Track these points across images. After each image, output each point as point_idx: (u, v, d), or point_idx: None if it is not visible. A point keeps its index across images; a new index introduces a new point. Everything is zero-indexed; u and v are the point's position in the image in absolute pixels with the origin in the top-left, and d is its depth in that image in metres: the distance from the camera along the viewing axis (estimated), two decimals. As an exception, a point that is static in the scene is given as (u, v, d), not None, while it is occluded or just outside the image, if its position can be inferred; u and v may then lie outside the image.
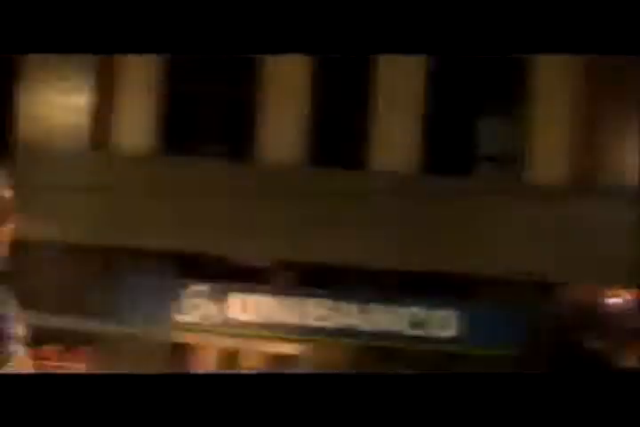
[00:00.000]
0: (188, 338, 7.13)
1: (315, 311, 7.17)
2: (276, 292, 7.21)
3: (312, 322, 7.19)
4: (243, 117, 7.56)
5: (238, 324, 7.17)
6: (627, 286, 7.11)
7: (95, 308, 6.90)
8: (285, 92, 7.43)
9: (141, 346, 6.83)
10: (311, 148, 7.49)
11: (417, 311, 7.20)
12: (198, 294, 7.22)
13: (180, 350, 7.14)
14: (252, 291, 7.21)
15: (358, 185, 7.13)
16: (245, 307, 7.21)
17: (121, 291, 7.06)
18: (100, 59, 7.30)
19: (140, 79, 7.57)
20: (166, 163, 7.42)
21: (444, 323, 7.21)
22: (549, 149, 7.47)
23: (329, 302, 7.19)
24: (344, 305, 7.21)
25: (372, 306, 7.24)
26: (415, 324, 7.17)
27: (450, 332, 7.21)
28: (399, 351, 7.12)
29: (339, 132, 7.61)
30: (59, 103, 7.34)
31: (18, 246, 1.26)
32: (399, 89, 7.31)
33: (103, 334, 6.71)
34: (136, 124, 7.58)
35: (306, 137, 7.48)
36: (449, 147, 7.57)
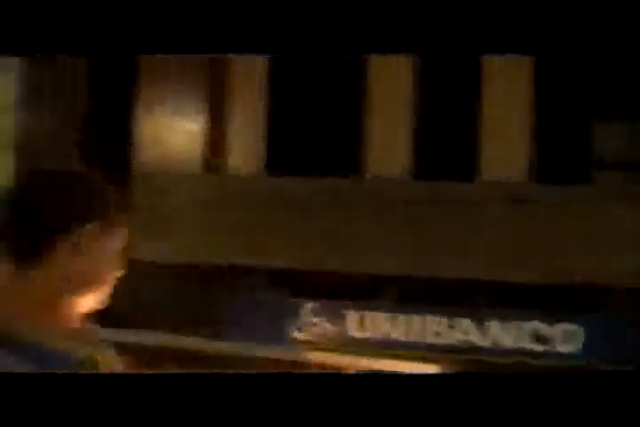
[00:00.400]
0: (304, 356, 7.04)
1: (431, 327, 7.06)
2: (392, 308, 7.14)
3: (429, 339, 7.07)
4: (349, 132, 7.57)
5: (354, 341, 7.10)
6: None
7: (209, 327, 6.97)
8: (390, 102, 7.40)
9: (257, 365, 6.57)
10: (419, 159, 7.42)
11: (538, 326, 6.98)
12: (314, 312, 7.20)
13: (297, 368, 7.04)
14: (368, 307, 7.18)
15: (470, 196, 7.03)
16: (362, 324, 7.15)
17: (235, 309, 7.17)
18: (210, 82, 7.57)
19: (249, 97, 7.72)
20: (277, 181, 7.50)
21: (567, 337, 6.97)
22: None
23: (445, 318, 7.07)
24: (461, 321, 7.06)
25: (490, 321, 7.06)
26: (537, 338, 6.97)
27: (573, 346, 6.96)
28: (521, 367, 6.92)
29: (447, 142, 7.45)
30: (172, 128, 7.59)
31: (135, 266, 1.41)
32: (506, 97, 7.17)
33: (217, 354, 6.71)
34: (247, 145, 7.73)
35: (413, 149, 7.41)
36: (561, 153, 7.30)
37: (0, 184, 1.13)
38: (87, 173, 1.26)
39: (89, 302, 1.21)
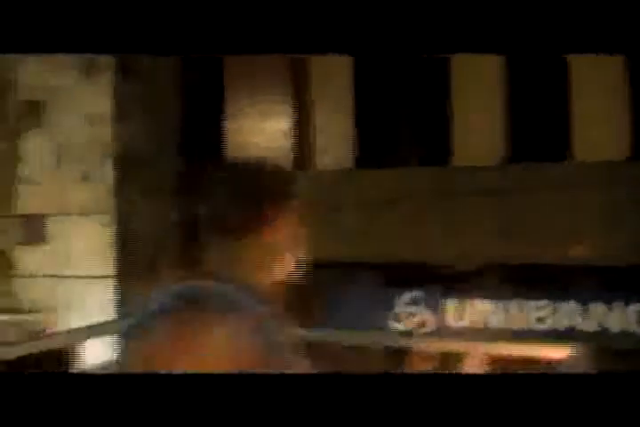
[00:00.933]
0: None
1: (534, 313, 6.91)
2: (491, 295, 7.04)
3: (533, 325, 6.93)
4: (437, 122, 7.53)
5: (455, 331, 7.04)
6: None
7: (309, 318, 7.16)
8: (477, 90, 7.34)
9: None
10: (508, 144, 7.32)
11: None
12: (412, 302, 7.22)
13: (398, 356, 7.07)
14: (467, 296, 7.10)
15: (562, 178, 6.86)
16: (461, 313, 7.08)
17: (336, 303, 7.20)
18: (294, 80, 7.68)
19: (333, 95, 7.82)
20: (365, 174, 7.53)
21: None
22: None
23: (547, 303, 6.91)
24: (564, 305, 6.90)
25: (594, 305, 6.89)
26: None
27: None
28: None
29: (535, 126, 7.32)
30: (262, 128, 7.75)
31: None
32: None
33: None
34: (335, 140, 7.80)
35: (502, 134, 7.31)
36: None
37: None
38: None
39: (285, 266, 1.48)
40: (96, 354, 4.20)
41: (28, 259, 7.64)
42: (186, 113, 7.86)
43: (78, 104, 7.64)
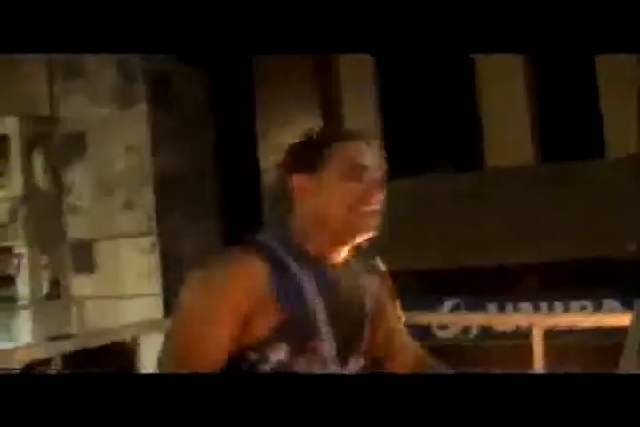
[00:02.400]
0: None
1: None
2: (536, 297, 6.94)
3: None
4: (466, 124, 7.50)
5: (499, 336, 6.91)
6: None
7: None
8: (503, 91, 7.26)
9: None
10: (539, 144, 7.26)
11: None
12: (456, 308, 7.17)
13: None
14: (509, 299, 6.99)
15: (598, 175, 6.74)
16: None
17: None
18: (323, 98, 7.72)
19: (359, 99, 7.81)
20: (399, 183, 7.40)
21: None
22: None
23: (589, 302, 6.78)
24: (606, 303, 6.74)
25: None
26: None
27: None
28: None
29: (565, 126, 7.23)
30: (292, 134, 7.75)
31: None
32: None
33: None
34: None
35: (532, 134, 7.24)
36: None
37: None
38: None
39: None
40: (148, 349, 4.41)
41: (81, 282, 7.94)
42: (219, 135, 8.06)
43: (117, 134, 7.92)
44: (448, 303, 7.25)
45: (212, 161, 8.17)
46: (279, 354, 1.40)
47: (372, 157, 1.58)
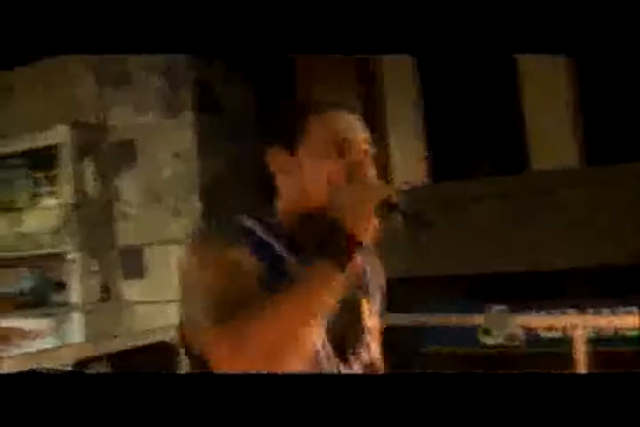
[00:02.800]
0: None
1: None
2: (579, 305, 6.85)
3: (622, 332, 6.59)
4: (508, 129, 7.44)
5: (546, 342, 6.87)
6: None
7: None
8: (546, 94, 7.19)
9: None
10: (583, 148, 7.16)
11: None
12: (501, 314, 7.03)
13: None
14: (555, 306, 6.89)
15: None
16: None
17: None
18: (366, 105, 7.63)
19: (402, 102, 7.82)
20: (444, 188, 7.49)
21: None
22: None
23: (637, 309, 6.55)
24: None
25: None
26: None
27: None
28: None
29: (609, 127, 7.13)
30: None
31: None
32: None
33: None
34: (407, 153, 7.81)
35: (576, 137, 7.15)
36: None
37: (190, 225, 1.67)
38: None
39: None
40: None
41: (131, 287, 8.10)
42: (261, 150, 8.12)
43: (164, 142, 8.05)
44: (494, 309, 7.18)
45: (257, 165, 8.24)
46: None
47: (355, 129, 1.43)
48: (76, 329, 7.95)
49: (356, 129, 1.42)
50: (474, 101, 7.56)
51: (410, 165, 7.81)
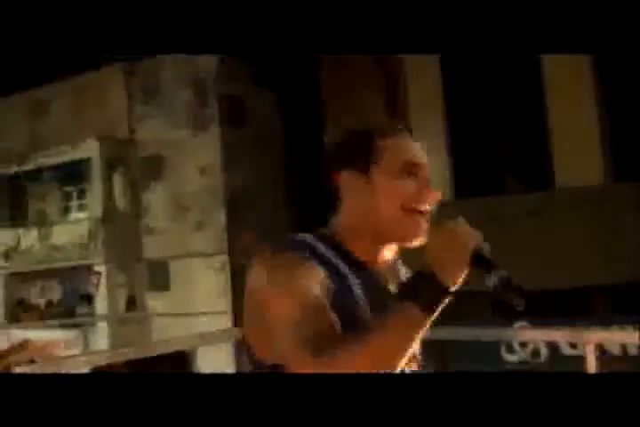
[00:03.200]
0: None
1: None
2: (601, 322, 6.65)
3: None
4: (535, 141, 7.38)
5: (569, 359, 6.76)
6: None
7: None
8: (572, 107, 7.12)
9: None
10: (610, 162, 7.07)
11: None
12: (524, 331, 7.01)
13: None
14: (580, 323, 6.79)
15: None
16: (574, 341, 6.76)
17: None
18: (390, 113, 7.66)
19: (428, 115, 7.76)
20: (471, 204, 7.36)
21: None
22: None
23: None
24: None
25: None
26: None
27: None
28: None
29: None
30: None
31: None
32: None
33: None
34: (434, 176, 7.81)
35: (603, 151, 7.06)
36: None
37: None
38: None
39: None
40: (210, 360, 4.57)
41: (156, 300, 8.18)
42: (288, 152, 8.18)
43: (191, 156, 8.16)
44: (517, 325, 7.11)
45: (282, 177, 8.30)
46: None
47: (422, 153, 1.47)
48: (101, 340, 8.05)
49: (422, 153, 1.47)
50: (499, 115, 7.55)
51: (435, 180, 7.82)
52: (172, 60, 8.22)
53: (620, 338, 4.57)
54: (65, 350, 7.97)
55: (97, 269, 8.23)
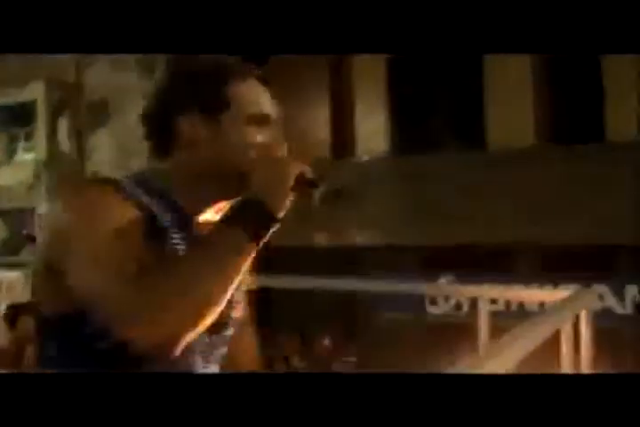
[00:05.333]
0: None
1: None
2: (523, 279, 6.76)
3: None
4: (470, 110, 7.61)
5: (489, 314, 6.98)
6: None
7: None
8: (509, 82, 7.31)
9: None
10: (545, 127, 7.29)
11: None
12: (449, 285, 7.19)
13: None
14: (502, 280, 7.04)
15: (600, 159, 6.73)
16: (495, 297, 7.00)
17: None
18: (330, 73, 7.81)
19: (370, 86, 8.00)
20: (405, 161, 7.68)
21: None
22: None
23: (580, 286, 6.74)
24: (598, 288, 6.56)
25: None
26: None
27: None
28: None
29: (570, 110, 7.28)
30: (300, 119, 7.80)
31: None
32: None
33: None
34: (372, 130, 7.98)
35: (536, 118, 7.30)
36: None
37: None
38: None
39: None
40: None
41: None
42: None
43: (138, 102, 8.18)
44: (443, 279, 7.37)
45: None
46: None
47: (273, 103, 1.34)
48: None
49: (273, 103, 1.33)
50: (438, 77, 7.69)
51: (373, 137, 7.96)
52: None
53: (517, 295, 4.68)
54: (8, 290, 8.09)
55: (39, 211, 8.31)
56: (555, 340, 2.15)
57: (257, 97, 1.32)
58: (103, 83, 8.43)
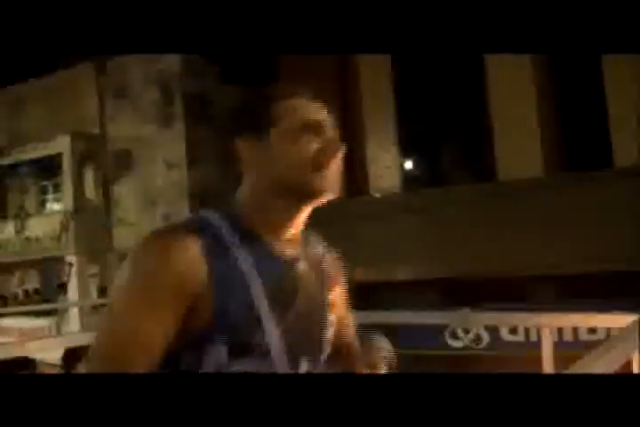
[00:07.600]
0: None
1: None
2: (540, 308, 6.91)
3: (583, 336, 6.80)
4: (479, 141, 7.66)
5: (508, 345, 7.05)
6: None
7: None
8: (514, 105, 7.36)
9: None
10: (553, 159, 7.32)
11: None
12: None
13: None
14: (520, 310, 7.03)
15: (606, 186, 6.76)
16: (515, 327, 7.00)
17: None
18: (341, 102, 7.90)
19: (379, 123, 8.13)
20: (416, 195, 7.70)
21: None
22: None
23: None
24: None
25: None
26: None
27: None
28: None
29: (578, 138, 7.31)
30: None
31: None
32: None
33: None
34: (382, 164, 8.12)
35: (543, 148, 7.32)
36: None
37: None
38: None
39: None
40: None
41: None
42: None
43: (158, 151, 8.46)
44: (461, 311, 7.35)
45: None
46: (217, 354, 1.18)
47: (325, 114, 1.34)
48: (74, 329, 8.34)
49: (324, 112, 1.35)
50: (446, 114, 7.80)
51: (385, 173, 8.07)
52: (139, 59, 8.52)
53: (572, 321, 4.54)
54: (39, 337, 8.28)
55: (68, 259, 8.55)
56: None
57: (306, 107, 1.33)
58: (125, 134, 8.74)
